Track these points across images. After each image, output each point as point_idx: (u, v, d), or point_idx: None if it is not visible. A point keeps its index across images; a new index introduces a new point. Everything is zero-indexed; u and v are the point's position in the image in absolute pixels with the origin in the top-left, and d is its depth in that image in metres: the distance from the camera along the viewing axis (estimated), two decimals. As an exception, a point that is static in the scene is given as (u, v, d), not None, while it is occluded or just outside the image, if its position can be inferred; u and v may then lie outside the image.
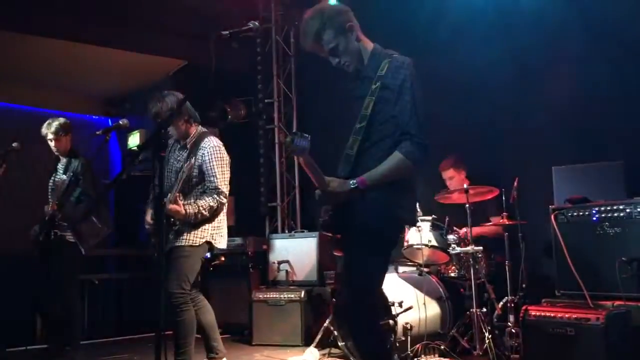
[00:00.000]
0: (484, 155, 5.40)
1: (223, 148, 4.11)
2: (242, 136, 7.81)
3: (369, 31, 2.99)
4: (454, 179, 5.21)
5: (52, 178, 4.97)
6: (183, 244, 3.89)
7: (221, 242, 4.13)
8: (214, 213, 3.97)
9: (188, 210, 3.82)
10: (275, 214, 7.50)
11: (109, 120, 8.34)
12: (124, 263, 7.82)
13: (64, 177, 4.82)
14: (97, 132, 4.00)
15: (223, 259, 6.87)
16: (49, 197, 4.89)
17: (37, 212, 4.89)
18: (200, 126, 4.16)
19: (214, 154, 3.99)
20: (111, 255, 7.86)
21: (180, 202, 3.79)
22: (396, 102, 2.69)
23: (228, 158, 4.14)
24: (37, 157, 4.96)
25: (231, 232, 7.32)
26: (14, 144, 4.88)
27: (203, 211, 3.86)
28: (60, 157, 5.00)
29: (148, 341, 3.19)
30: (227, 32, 2.65)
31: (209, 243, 4.01)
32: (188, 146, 4.06)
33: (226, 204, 4.08)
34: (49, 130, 4.88)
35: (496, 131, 5.37)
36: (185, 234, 3.90)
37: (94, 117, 8.56)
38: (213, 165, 3.96)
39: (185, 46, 7.10)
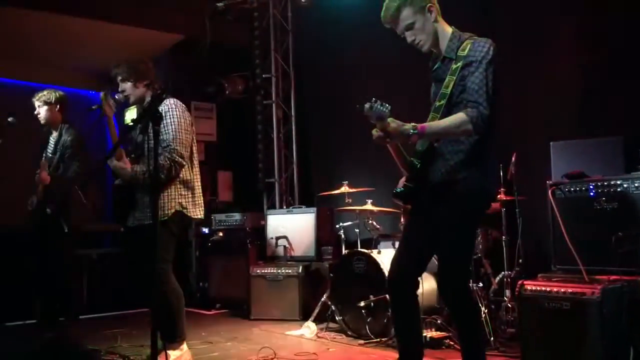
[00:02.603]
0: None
1: (182, 108, 3.85)
2: (239, 112, 7.80)
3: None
4: None
5: (44, 153, 4.96)
6: (150, 221, 3.64)
7: (194, 212, 3.90)
8: (168, 174, 3.69)
9: (135, 168, 3.67)
10: (273, 190, 7.50)
11: (106, 96, 8.28)
12: (121, 237, 7.83)
13: (51, 148, 4.76)
14: (93, 107, 3.95)
15: (221, 234, 6.89)
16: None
17: (33, 186, 4.88)
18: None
19: (168, 112, 3.75)
20: (110, 230, 7.87)
21: (126, 159, 3.66)
22: (471, 75, 2.79)
23: (188, 119, 3.86)
24: (33, 131, 4.94)
25: (229, 208, 7.39)
26: (10, 119, 4.86)
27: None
28: (52, 131, 4.99)
29: (147, 315, 3.20)
30: (222, 4, 2.62)
31: (180, 213, 3.80)
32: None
33: (185, 165, 3.79)
34: (36, 99, 4.88)
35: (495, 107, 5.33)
36: (149, 210, 3.68)
37: (90, 92, 8.50)
38: (167, 123, 3.72)
39: (183, 20, 7.03)
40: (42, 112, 4.89)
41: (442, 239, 2.88)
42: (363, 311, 4.66)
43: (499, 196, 4.66)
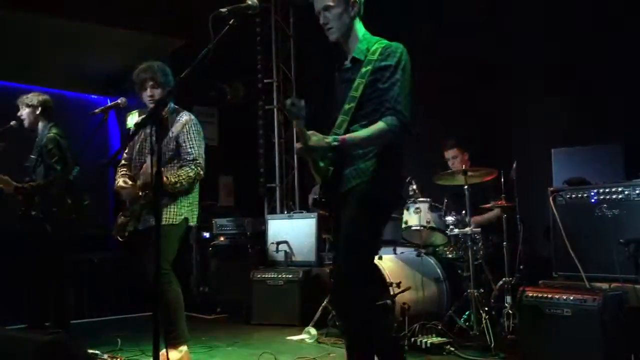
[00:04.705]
0: (483, 137, 5.39)
1: (199, 124, 4.03)
2: (241, 117, 7.82)
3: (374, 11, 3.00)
4: (458, 158, 5.19)
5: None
6: (162, 223, 3.72)
7: (194, 219, 4.05)
8: (191, 185, 3.89)
9: (170, 178, 3.74)
10: (274, 195, 7.51)
11: (108, 100, 8.29)
12: (124, 242, 7.82)
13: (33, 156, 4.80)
14: (95, 111, 3.96)
15: (222, 239, 6.90)
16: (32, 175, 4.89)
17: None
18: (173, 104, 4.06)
19: (191, 127, 3.91)
20: (111, 234, 7.86)
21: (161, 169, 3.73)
22: (386, 80, 2.72)
23: (203, 133, 4.03)
24: (35, 134, 4.95)
25: (230, 213, 7.40)
26: (12, 122, 4.88)
27: (183, 181, 3.78)
28: (38, 134, 5.00)
29: (148, 319, 3.22)
30: (226, 9, 2.64)
31: (187, 220, 3.95)
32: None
33: (201, 178, 3.96)
34: (20, 102, 4.88)
35: (495, 113, 5.35)
36: (163, 212, 3.79)
37: (92, 96, 8.52)
38: (191, 137, 3.88)
39: (185, 25, 7.05)
40: (24, 114, 4.90)
41: (340, 242, 2.82)
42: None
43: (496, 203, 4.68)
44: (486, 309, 4.41)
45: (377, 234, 2.89)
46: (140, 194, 3.84)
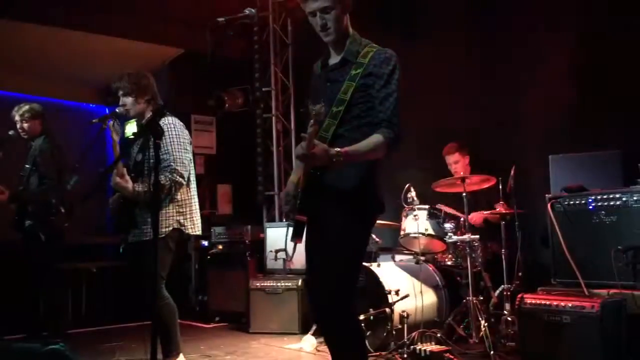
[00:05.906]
0: (481, 144, 5.40)
1: (180, 127, 3.87)
2: (239, 125, 7.82)
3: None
4: (459, 163, 5.20)
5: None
6: (148, 238, 3.72)
7: (193, 228, 3.93)
8: (167, 194, 3.74)
9: (137, 188, 3.68)
10: (272, 203, 7.50)
11: (106, 109, 8.31)
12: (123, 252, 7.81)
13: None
14: (94, 120, 3.96)
15: (221, 247, 6.88)
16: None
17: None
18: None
19: (167, 132, 3.74)
20: (109, 243, 7.86)
21: (127, 177, 3.68)
22: (380, 89, 2.66)
23: (187, 138, 3.89)
24: (29, 145, 4.97)
25: (229, 221, 7.39)
26: (11, 132, 4.89)
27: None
28: (32, 144, 5.01)
29: (146, 329, 3.20)
30: (223, 18, 2.64)
31: (178, 230, 3.84)
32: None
33: (184, 184, 3.82)
34: (17, 113, 4.91)
35: (493, 119, 5.36)
36: (148, 227, 3.72)
37: (91, 105, 8.53)
38: (166, 142, 3.72)
39: (183, 34, 7.07)
40: (26, 126, 4.92)
41: (325, 247, 2.72)
42: (362, 325, 4.64)
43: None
44: (485, 316, 4.40)
45: (363, 243, 2.82)
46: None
